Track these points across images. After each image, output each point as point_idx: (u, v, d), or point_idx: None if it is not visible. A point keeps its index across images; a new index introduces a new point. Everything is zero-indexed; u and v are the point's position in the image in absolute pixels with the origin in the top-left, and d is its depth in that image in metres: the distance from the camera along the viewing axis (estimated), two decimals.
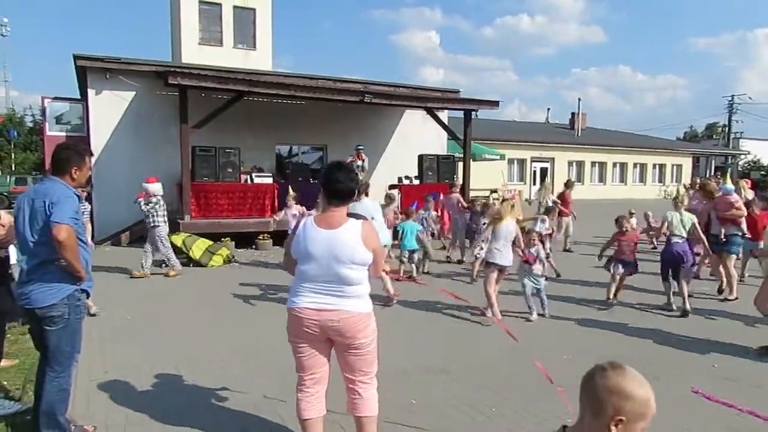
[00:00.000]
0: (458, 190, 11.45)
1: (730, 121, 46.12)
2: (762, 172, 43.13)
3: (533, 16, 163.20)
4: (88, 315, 6.00)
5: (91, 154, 3.43)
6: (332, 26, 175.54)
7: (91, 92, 13.18)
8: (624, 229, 7.11)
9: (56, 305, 3.17)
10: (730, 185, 8.03)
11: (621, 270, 7.12)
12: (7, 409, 3.78)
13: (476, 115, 15.79)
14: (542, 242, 7.45)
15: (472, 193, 15.86)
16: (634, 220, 9.80)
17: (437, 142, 16.94)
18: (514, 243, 6.38)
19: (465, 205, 10.59)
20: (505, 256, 6.29)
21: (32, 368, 3.41)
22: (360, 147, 13.86)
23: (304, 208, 9.51)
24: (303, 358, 3.04)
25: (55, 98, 14.30)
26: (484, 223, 8.56)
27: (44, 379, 3.28)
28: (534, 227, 8.19)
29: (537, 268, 6.57)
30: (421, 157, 14.96)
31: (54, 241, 3.05)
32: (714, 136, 54.23)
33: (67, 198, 3.15)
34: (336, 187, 2.93)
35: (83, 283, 3.28)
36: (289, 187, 10.38)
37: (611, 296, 7.18)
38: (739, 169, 44.83)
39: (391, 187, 14.11)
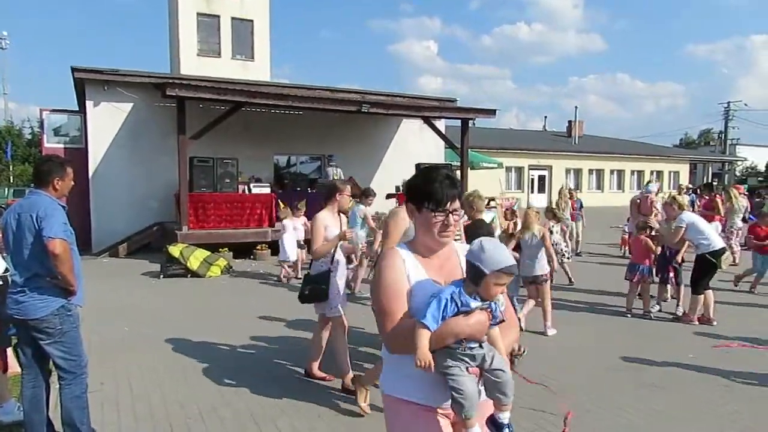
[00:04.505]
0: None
1: (726, 127, 46.29)
2: (759, 179, 43.31)
3: (531, 24, 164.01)
4: None
5: (71, 165, 3.45)
6: (331, 36, 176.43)
7: (89, 104, 13.23)
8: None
9: (47, 318, 3.19)
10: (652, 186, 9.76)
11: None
12: None
13: (473, 124, 15.84)
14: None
15: None
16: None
17: (435, 151, 16.98)
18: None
19: None
20: None
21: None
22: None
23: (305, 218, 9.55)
24: None
25: (54, 110, 14.33)
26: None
27: (32, 392, 3.32)
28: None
29: None
30: (418, 166, 14.96)
31: (49, 255, 3.07)
32: (710, 143, 54.42)
33: (54, 210, 3.18)
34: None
35: (73, 298, 3.29)
36: None
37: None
38: (737, 175, 45.01)
39: (389, 196, 14.14)
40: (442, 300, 1.76)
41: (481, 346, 1.81)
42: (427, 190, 1.88)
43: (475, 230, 4.65)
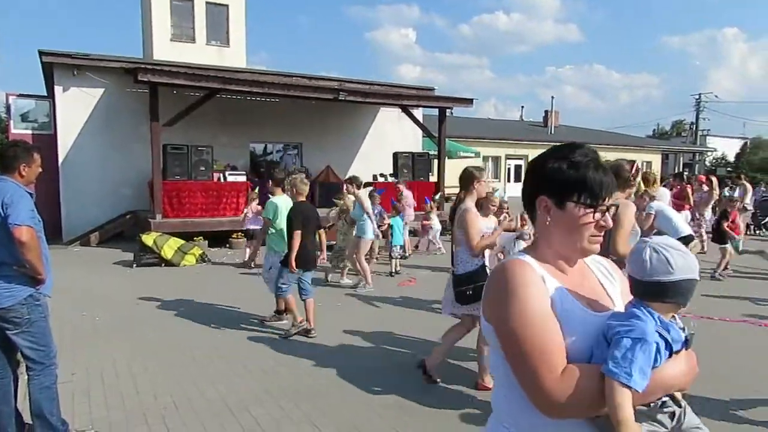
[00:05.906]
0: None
1: (697, 119, 47.25)
2: (728, 169, 44.41)
3: (510, 13, 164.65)
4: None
5: (39, 151, 3.36)
6: (308, 23, 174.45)
7: (58, 89, 12.85)
8: None
9: (14, 307, 3.12)
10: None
11: None
12: None
13: (451, 113, 15.88)
14: None
15: (447, 191, 15.97)
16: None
17: (412, 140, 17.00)
18: None
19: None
20: None
21: None
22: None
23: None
24: None
25: (21, 95, 13.89)
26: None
27: (0, 384, 3.25)
28: None
29: None
30: (396, 155, 14.99)
31: (15, 243, 3.00)
32: (682, 134, 55.54)
33: (21, 197, 3.10)
34: None
35: (42, 287, 3.22)
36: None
37: None
38: (707, 165, 46.08)
39: (366, 184, 14.15)
40: (651, 344, 1.18)
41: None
42: (577, 178, 1.33)
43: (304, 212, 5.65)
